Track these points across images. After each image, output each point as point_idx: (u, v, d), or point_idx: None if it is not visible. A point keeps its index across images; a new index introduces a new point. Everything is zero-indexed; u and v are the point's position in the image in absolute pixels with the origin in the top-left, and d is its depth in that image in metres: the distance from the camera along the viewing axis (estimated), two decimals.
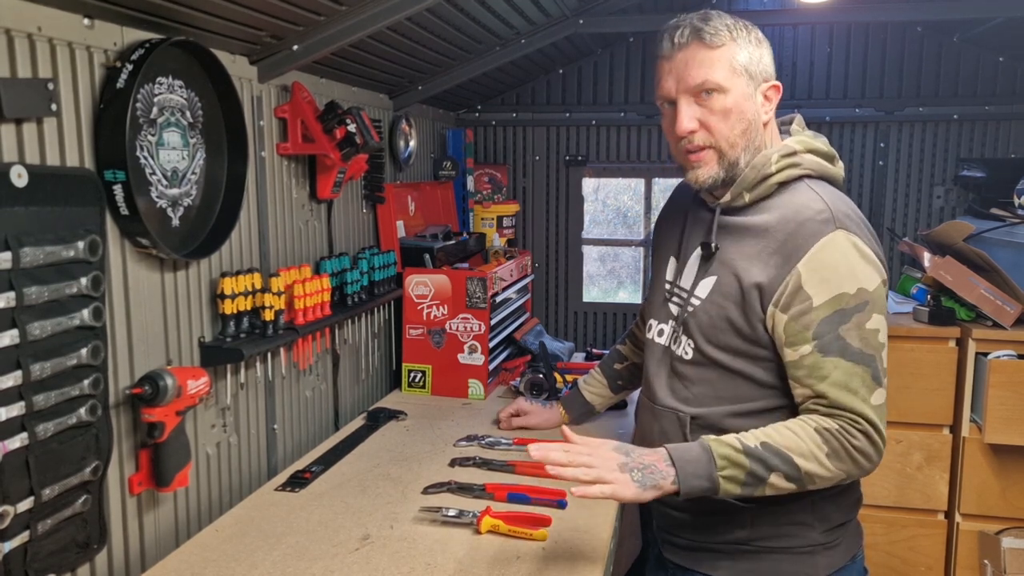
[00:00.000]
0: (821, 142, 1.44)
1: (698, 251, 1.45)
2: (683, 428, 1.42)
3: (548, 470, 1.26)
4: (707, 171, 1.38)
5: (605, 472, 1.24)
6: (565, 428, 1.33)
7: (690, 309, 1.43)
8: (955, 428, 2.60)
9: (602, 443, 1.29)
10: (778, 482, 1.27)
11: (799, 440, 1.26)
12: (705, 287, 1.41)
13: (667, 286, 1.52)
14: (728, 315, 1.37)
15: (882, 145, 3.13)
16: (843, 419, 1.27)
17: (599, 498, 1.23)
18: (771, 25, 3.11)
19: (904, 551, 2.69)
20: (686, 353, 1.43)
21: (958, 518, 2.60)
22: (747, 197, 1.38)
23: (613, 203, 4.61)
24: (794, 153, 1.38)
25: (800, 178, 1.38)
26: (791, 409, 1.36)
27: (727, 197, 1.40)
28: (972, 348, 2.52)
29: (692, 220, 1.50)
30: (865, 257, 1.31)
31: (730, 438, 1.28)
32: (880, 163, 3.14)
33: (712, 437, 1.29)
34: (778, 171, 1.37)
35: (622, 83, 3.29)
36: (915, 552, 2.68)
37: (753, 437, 1.28)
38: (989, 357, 2.46)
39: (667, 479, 1.25)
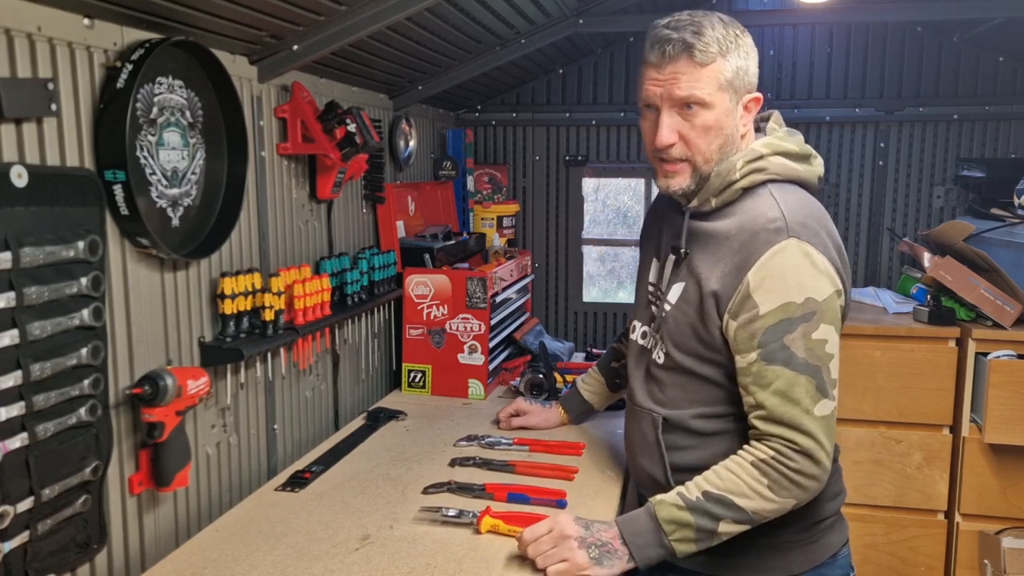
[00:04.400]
0: (793, 142, 1.42)
1: (671, 255, 1.46)
2: (656, 429, 1.45)
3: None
4: (679, 181, 1.40)
5: (567, 553, 1.30)
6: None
7: (663, 315, 1.44)
8: (955, 428, 2.60)
9: (561, 519, 1.34)
10: (729, 528, 1.29)
11: (738, 480, 1.28)
12: (675, 293, 1.43)
13: (651, 288, 1.53)
14: (691, 322, 1.38)
15: (882, 145, 3.13)
16: (778, 441, 1.28)
17: None
18: (771, 25, 3.12)
19: (904, 551, 2.69)
20: (659, 357, 1.45)
21: (958, 518, 2.60)
22: (713, 202, 1.39)
23: (613, 203, 4.60)
24: (760, 157, 1.37)
25: (764, 183, 1.38)
26: None
27: (695, 202, 1.41)
28: (972, 348, 2.52)
29: (668, 223, 1.51)
30: (816, 266, 1.30)
31: (672, 496, 1.31)
32: (880, 163, 3.14)
33: (657, 499, 1.32)
34: (742, 177, 1.37)
35: (622, 83, 3.29)
36: (915, 552, 2.68)
37: (696, 487, 1.30)
38: (989, 357, 2.46)
39: (623, 558, 1.30)
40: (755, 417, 1.31)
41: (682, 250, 1.41)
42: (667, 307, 1.43)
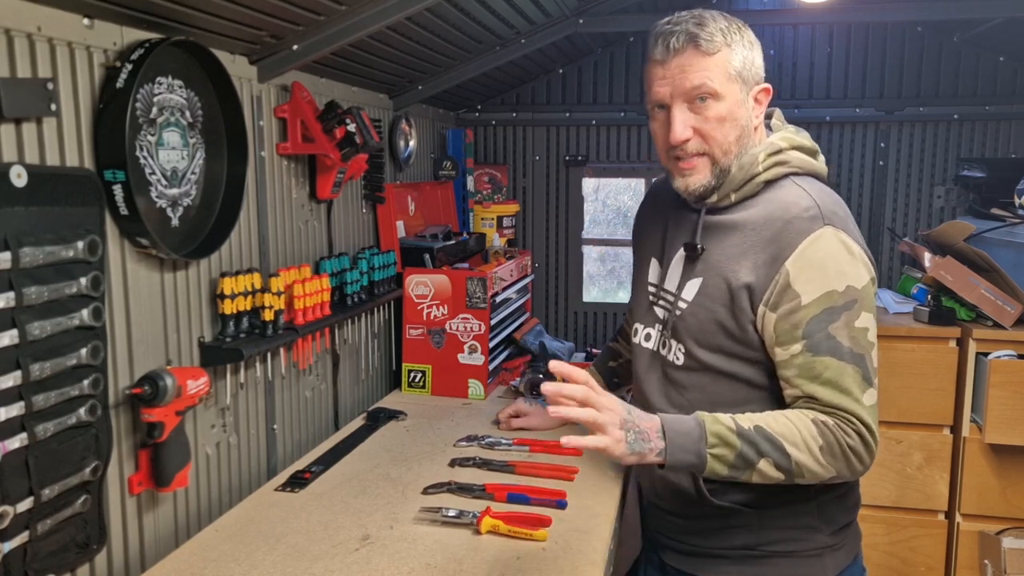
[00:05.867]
0: (804, 137, 1.42)
1: (681, 252, 1.43)
2: None
3: (551, 410, 1.18)
4: (699, 179, 1.36)
5: (609, 424, 1.19)
6: (576, 371, 1.23)
7: (678, 313, 1.41)
8: (955, 428, 2.60)
9: (609, 394, 1.25)
10: (767, 469, 1.24)
11: (795, 429, 1.24)
12: (691, 289, 1.39)
13: (651, 289, 1.50)
14: (717, 317, 1.35)
15: (882, 145, 3.13)
16: (838, 417, 1.25)
17: (589, 448, 1.19)
18: (771, 25, 3.11)
19: (904, 551, 2.69)
20: (677, 359, 1.41)
21: (958, 518, 2.60)
22: (733, 197, 1.37)
23: (613, 203, 4.61)
24: (780, 151, 1.37)
25: (786, 176, 1.37)
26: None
27: (713, 198, 1.38)
28: (972, 348, 2.52)
29: (674, 220, 1.48)
30: (853, 254, 1.29)
31: (725, 417, 1.26)
32: (880, 163, 3.14)
33: (706, 413, 1.26)
34: (765, 170, 1.35)
35: (622, 83, 3.29)
36: (915, 552, 2.68)
37: (748, 419, 1.25)
38: (989, 357, 2.46)
39: (653, 451, 1.22)
40: (806, 404, 1.28)
41: (699, 246, 1.38)
42: (682, 304, 1.40)
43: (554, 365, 1.24)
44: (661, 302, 1.47)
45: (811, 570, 1.39)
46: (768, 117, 1.46)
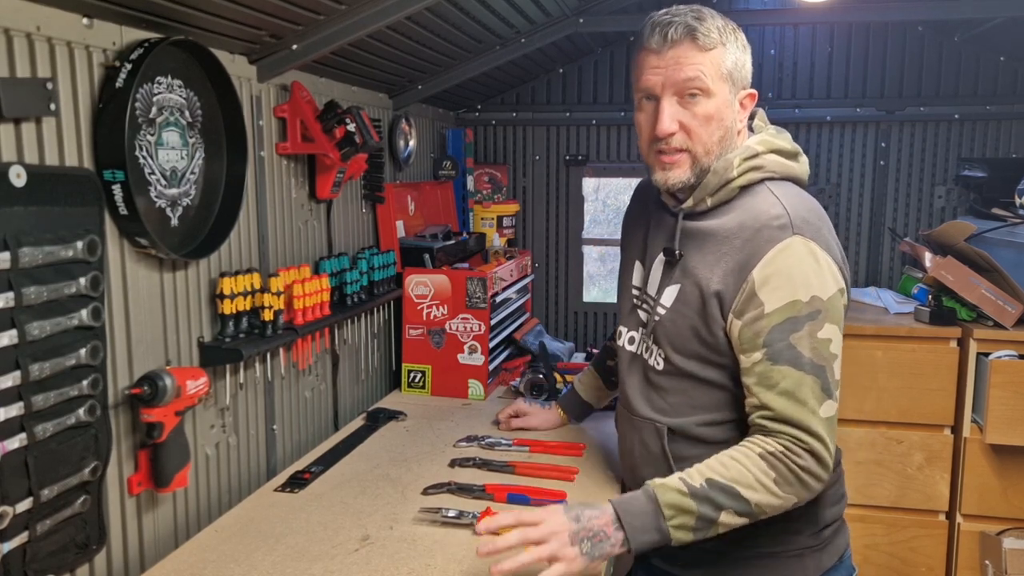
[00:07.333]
0: (784, 140, 1.42)
1: (661, 256, 1.43)
2: (661, 439, 1.41)
3: (494, 571, 1.19)
4: (678, 174, 1.36)
5: (558, 548, 1.20)
6: (501, 519, 1.27)
7: (657, 318, 1.41)
8: (956, 428, 2.60)
9: (552, 511, 1.25)
10: (729, 520, 1.24)
11: (744, 471, 1.23)
12: (670, 295, 1.40)
13: (635, 292, 1.51)
14: (692, 324, 1.35)
15: (883, 145, 3.13)
16: (787, 438, 1.24)
17: None
18: (771, 25, 3.11)
19: (905, 552, 2.69)
20: (658, 363, 1.42)
21: (959, 519, 2.59)
22: (709, 202, 1.37)
23: (613, 203, 4.61)
24: (756, 155, 1.36)
25: (762, 181, 1.36)
26: None
27: (689, 202, 1.38)
28: (973, 348, 2.52)
29: (655, 224, 1.48)
30: (821, 264, 1.28)
31: (674, 481, 1.25)
32: (881, 163, 3.14)
33: (657, 482, 1.26)
34: (739, 175, 1.35)
35: (622, 83, 3.29)
36: (916, 553, 2.68)
37: (698, 475, 1.25)
38: (990, 357, 2.46)
39: (615, 545, 1.22)
40: (760, 417, 1.28)
41: (676, 252, 1.38)
42: (661, 310, 1.41)
43: (480, 527, 1.26)
44: (644, 306, 1.47)
45: (792, 571, 1.38)
46: (751, 118, 1.46)
